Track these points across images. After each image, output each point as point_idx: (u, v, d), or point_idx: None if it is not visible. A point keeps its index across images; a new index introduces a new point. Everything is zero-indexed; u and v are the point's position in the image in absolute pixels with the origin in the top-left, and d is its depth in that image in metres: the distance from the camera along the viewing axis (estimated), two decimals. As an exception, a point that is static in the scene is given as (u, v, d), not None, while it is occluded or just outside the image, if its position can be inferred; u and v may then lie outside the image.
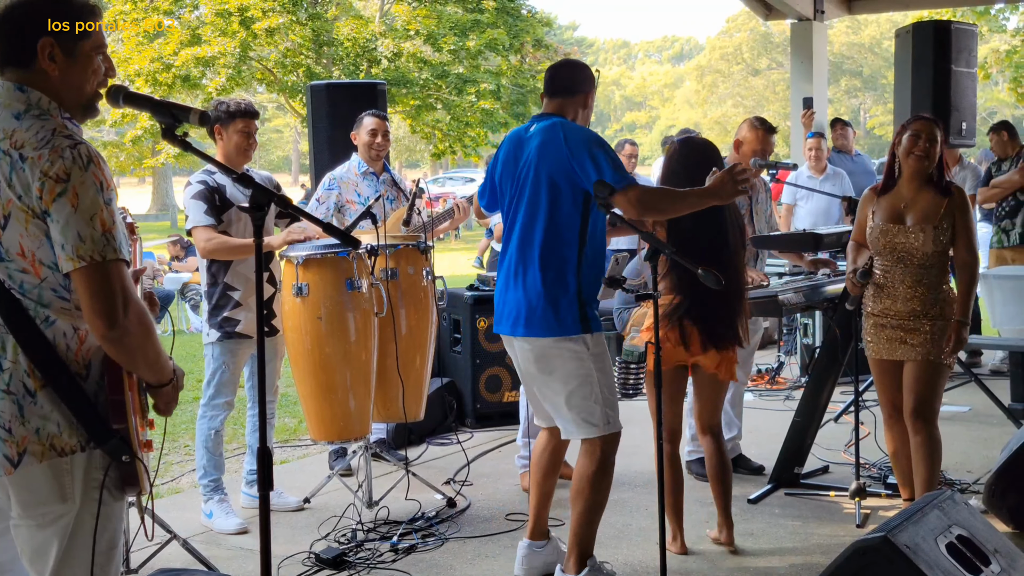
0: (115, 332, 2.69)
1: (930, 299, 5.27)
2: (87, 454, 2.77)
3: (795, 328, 9.62)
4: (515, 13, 28.58)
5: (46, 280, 2.73)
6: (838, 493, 6.06)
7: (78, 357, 2.76)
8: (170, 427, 7.94)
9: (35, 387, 2.73)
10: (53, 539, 2.77)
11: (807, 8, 12.75)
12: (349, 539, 5.47)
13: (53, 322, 2.74)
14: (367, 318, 5.62)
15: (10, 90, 2.79)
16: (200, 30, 25.50)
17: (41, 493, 2.75)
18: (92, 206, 2.67)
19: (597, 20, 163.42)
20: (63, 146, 2.68)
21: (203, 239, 5.58)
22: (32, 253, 2.71)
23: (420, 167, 56.03)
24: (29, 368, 2.73)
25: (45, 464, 2.73)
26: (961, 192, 5.33)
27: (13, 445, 2.72)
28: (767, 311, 6.10)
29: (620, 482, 6.44)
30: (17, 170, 2.68)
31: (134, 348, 2.75)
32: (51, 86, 2.80)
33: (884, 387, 5.51)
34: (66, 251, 2.66)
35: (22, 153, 2.68)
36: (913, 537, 3.81)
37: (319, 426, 5.66)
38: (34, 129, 2.71)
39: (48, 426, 2.73)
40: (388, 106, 9.86)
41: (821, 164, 10.12)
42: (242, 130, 5.68)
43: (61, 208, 2.65)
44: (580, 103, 4.80)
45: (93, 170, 2.69)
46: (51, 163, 2.66)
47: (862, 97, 63.43)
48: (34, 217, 2.69)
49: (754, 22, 59.38)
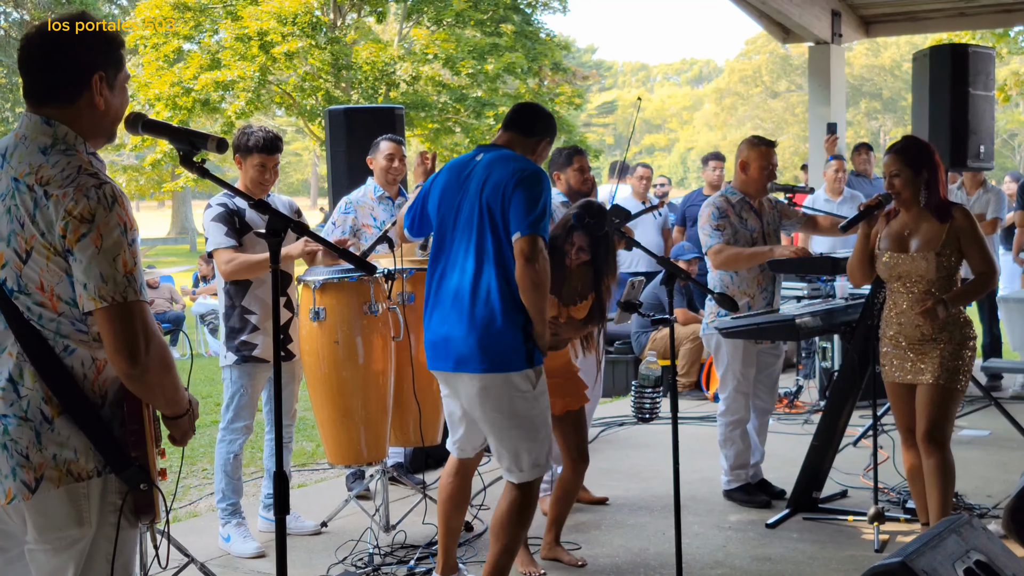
0: (136, 370, 2.71)
1: (938, 324, 5.25)
2: (103, 479, 2.78)
3: (814, 352, 9.59)
4: (534, 37, 28.66)
5: (63, 314, 2.74)
6: (856, 518, 6.03)
7: (95, 386, 2.78)
8: (188, 451, 7.94)
9: (52, 414, 2.75)
10: (69, 564, 2.78)
11: (824, 31, 12.76)
12: (366, 563, 5.47)
13: (72, 351, 2.76)
14: (384, 342, 5.63)
15: (37, 124, 2.80)
16: (220, 54, 25.63)
17: (58, 518, 2.76)
18: (115, 247, 2.68)
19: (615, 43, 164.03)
20: (88, 185, 2.69)
21: (224, 261, 5.60)
22: (51, 288, 2.73)
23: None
24: (47, 395, 2.74)
25: (62, 489, 2.74)
26: (963, 213, 5.30)
27: (31, 471, 2.73)
28: (785, 335, 6.10)
29: (637, 507, 6.45)
30: (41, 207, 2.69)
31: (154, 385, 2.77)
32: (85, 120, 2.81)
33: (899, 410, 5.50)
34: (88, 291, 2.68)
35: (47, 190, 2.69)
36: (931, 562, 3.80)
37: (336, 450, 5.67)
38: (60, 166, 2.72)
39: (65, 452, 2.75)
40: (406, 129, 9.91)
41: (839, 187, 10.12)
42: (258, 165, 5.68)
43: (84, 248, 2.67)
44: (530, 147, 4.76)
45: (117, 210, 2.70)
46: (75, 202, 2.67)
47: (882, 119, 63.35)
48: (55, 255, 2.70)
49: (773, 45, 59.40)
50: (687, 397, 9.80)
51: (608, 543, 5.83)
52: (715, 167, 11.09)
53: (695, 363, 10.00)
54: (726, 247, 6.23)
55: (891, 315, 5.42)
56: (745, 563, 5.52)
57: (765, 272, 6.36)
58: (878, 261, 5.42)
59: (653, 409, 6.18)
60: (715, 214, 6.30)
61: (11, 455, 2.74)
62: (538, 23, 29.55)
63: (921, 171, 5.30)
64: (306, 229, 3.21)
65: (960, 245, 5.26)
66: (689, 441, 7.30)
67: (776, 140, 6.78)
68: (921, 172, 5.30)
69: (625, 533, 6.00)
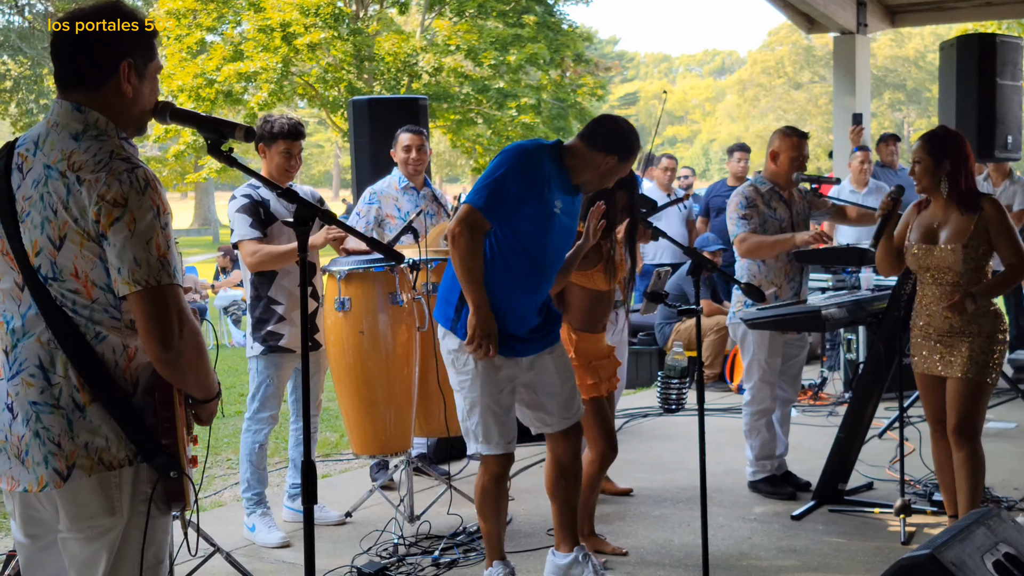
0: (170, 354, 2.71)
1: (967, 317, 5.20)
2: (135, 468, 2.78)
3: (838, 343, 9.55)
4: (556, 28, 28.63)
5: (97, 300, 2.74)
6: (882, 510, 6.01)
7: (127, 374, 2.78)
8: (213, 441, 7.98)
9: (84, 402, 2.75)
10: (101, 552, 2.78)
11: (850, 21, 12.70)
12: (391, 553, 5.47)
13: (104, 338, 2.75)
14: (409, 332, 5.63)
15: (68, 110, 2.80)
16: (243, 46, 25.72)
17: (90, 507, 2.76)
18: (148, 230, 2.68)
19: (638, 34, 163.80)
20: (120, 170, 2.69)
21: (248, 252, 5.61)
22: (85, 274, 2.73)
23: (460, 182, 56.18)
24: (78, 383, 2.74)
25: (94, 478, 2.75)
26: (992, 204, 5.23)
27: (62, 459, 2.74)
28: (810, 326, 6.07)
29: (662, 498, 6.44)
30: (74, 192, 2.69)
31: (187, 369, 2.77)
32: (113, 107, 2.81)
33: (928, 401, 5.46)
34: (122, 275, 2.68)
35: (79, 176, 2.69)
36: (959, 555, 3.77)
37: (361, 440, 5.68)
38: (92, 151, 2.72)
39: (96, 440, 2.75)
40: (429, 121, 9.89)
41: (864, 179, 10.06)
42: (284, 151, 5.68)
43: (118, 232, 2.67)
44: (589, 159, 4.68)
45: (150, 194, 2.70)
46: (108, 187, 2.67)
47: (906, 111, 63.02)
48: (89, 240, 2.70)
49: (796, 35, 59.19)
50: (711, 389, 9.76)
51: (632, 534, 5.81)
52: (739, 158, 11.05)
53: (719, 354, 9.97)
54: (751, 235, 6.21)
55: (920, 306, 5.38)
56: (770, 555, 5.50)
57: (792, 262, 6.33)
58: (907, 252, 5.37)
59: (680, 400, 6.17)
60: (743, 203, 6.28)
61: (43, 443, 2.74)
62: (560, 14, 29.53)
63: (943, 161, 5.23)
64: (333, 217, 3.20)
65: (989, 237, 5.20)
66: (714, 433, 7.27)
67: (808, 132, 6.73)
68: (943, 162, 5.23)
69: (649, 524, 5.99)
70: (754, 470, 6.54)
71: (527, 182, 4.51)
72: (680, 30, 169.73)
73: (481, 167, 28.21)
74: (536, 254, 4.62)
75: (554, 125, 27.87)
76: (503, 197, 4.50)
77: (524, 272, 4.63)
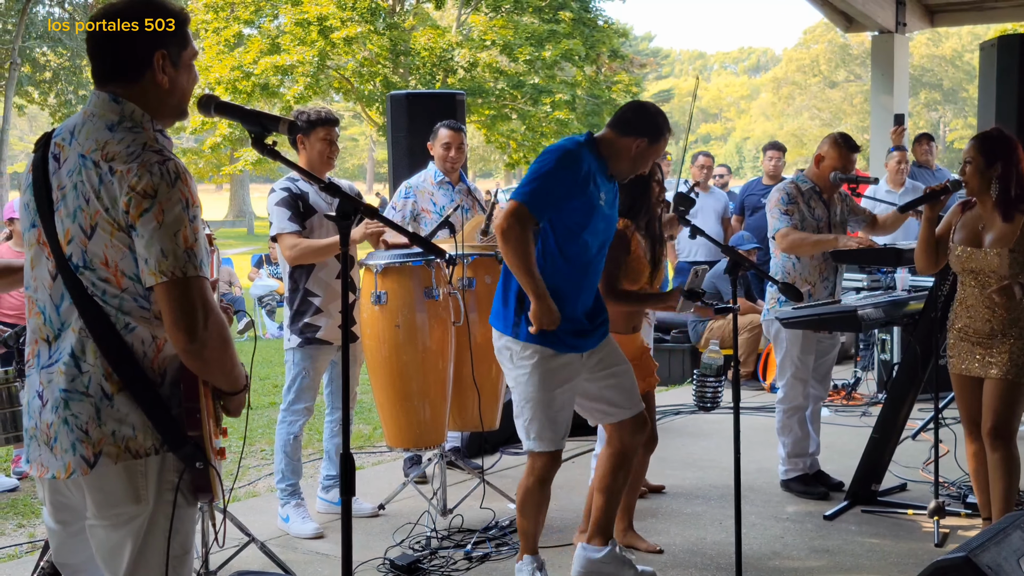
0: (195, 345, 2.73)
1: (1008, 320, 5.17)
2: (161, 456, 2.81)
3: (872, 343, 9.52)
4: (591, 24, 28.62)
5: (127, 290, 2.77)
6: (916, 511, 5.98)
7: (155, 364, 2.81)
8: (248, 432, 8.03)
9: (112, 390, 2.77)
10: (127, 540, 2.81)
11: (888, 20, 12.63)
12: (423, 546, 5.50)
13: (133, 328, 2.78)
14: (444, 327, 5.65)
15: (105, 101, 2.83)
16: (279, 39, 25.84)
17: (116, 494, 2.79)
18: (176, 222, 2.70)
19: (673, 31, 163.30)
20: (152, 161, 2.71)
21: (288, 246, 5.64)
22: (115, 264, 2.75)
23: (493, 177, 56.20)
24: (107, 371, 2.77)
25: (120, 465, 2.77)
26: None
27: (90, 446, 2.76)
28: (847, 326, 6.05)
29: (694, 495, 6.44)
30: (106, 183, 2.72)
31: (212, 360, 2.79)
32: (151, 98, 2.84)
33: (964, 402, 5.43)
34: (149, 265, 2.70)
35: (112, 166, 2.71)
36: (995, 558, 3.75)
37: (395, 433, 5.70)
38: (126, 142, 2.75)
39: (124, 429, 2.78)
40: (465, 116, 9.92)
41: (901, 178, 10.01)
42: (324, 138, 5.74)
43: (147, 223, 2.69)
44: (622, 146, 4.72)
45: (180, 186, 2.72)
46: (139, 178, 2.69)
47: (942, 111, 62.59)
48: (119, 230, 2.73)
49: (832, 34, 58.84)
50: (744, 387, 9.74)
51: (665, 531, 5.82)
52: (773, 157, 11.01)
53: (752, 353, 9.95)
54: (792, 231, 6.21)
55: (960, 308, 5.34)
56: (803, 554, 5.49)
57: (828, 262, 6.32)
58: (951, 253, 5.33)
59: (715, 398, 6.16)
60: (784, 199, 6.28)
61: (72, 429, 2.77)
62: (596, 10, 29.54)
63: (994, 163, 5.18)
64: (375, 212, 3.22)
65: None
66: (747, 431, 7.23)
67: (861, 146, 6.66)
68: (994, 164, 5.18)
69: (682, 522, 5.99)
70: (787, 468, 6.53)
71: (572, 180, 4.56)
72: (715, 27, 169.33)
73: (515, 162, 28.25)
74: (583, 249, 4.66)
75: (588, 121, 27.85)
76: (549, 195, 4.55)
77: (573, 268, 4.67)
